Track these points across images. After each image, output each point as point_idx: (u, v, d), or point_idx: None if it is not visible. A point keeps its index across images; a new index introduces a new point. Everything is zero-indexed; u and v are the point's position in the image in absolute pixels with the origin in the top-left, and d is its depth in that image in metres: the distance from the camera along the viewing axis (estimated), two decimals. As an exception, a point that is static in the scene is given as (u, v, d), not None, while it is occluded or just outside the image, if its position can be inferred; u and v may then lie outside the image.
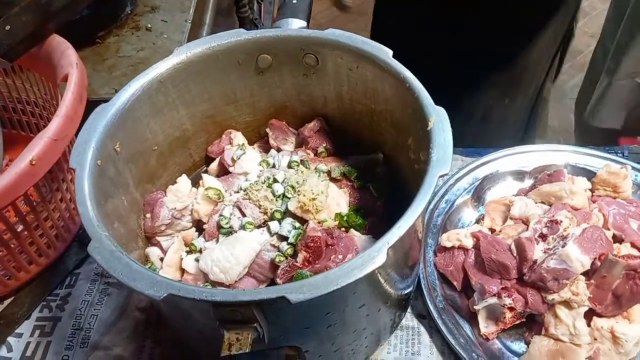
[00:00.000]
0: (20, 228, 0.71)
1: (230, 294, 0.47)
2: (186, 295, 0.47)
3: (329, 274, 0.48)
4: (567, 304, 0.68)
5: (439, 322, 0.71)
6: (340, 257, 0.64)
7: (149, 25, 1.12)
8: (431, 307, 0.72)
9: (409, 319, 0.74)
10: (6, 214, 0.67)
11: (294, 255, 0.65)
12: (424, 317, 0.74)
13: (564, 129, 1.96)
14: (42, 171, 0.63)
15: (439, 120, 0.59)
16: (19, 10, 0.72)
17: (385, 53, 0.67)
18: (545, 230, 0.71)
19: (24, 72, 0.83)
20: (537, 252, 0.69)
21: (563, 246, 0.68)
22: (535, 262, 0.69)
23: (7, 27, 0.71)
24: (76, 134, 0.65)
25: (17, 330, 0.75)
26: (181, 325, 0.66)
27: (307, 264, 0.64)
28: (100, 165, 0.59)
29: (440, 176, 0.55)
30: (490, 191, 0.86)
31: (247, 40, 0.70)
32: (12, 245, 0.71)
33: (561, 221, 0.71)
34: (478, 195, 0.85)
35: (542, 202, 0.79)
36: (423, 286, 0.74)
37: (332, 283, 0.48)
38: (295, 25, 0.77)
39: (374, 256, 0.49)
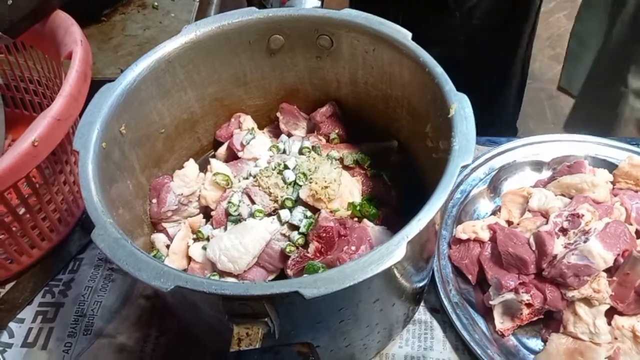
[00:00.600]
0: (22, 211, 0.68)
1: (241, 287, 0.45)
2: (194, 287, 0.45)
3: (344, 268, 0.46)
4: (587, 301, 0.66)
5: (453, 316, 0.68)
6: (354, 248, 0.61)
7: (156, 3, 1.08)
8: (445, 301, 0.70)
9: (421, 313, 0.71)
10: (8, 196, 0.64)
11: (305, 245, 0.63)
12: (437, 311, 0.72)
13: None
14: (44, 153, 0.61)
15: (461, 107, 0.56)
16: (22, -15, 0.69)
17: (403, 35, 0.63)
18: (566, 224, 0.68)
19: (27, 50, 0.80)
20: (557, 246, 0.67)
21: (585, 241, 0.65)
22: (555, 257, 0.66)
23: (10, 2, 0.68)
24: (80, 115, 0.63)
25: (19, 316, 0.74)
26: (188, 317, 0.63)
27: (318, 255, 0.62)
28: (105, 148, 0.56)
29: (462, 166, 0.53)
30: (507, 182, 0.83)
31: (258, 20, 0.67)
32: (13, 229, 0.69)
33: (583, 215, 0.68)
34: (494, 185, 0.82)
35: (562, 195, 0.76)
36: (437, 279, 0.72)
37: (348, 278, 0.45)
38: (309, 4, 0.74)
39: (392, 250, 0.46)
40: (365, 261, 0.46)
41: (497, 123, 1.28)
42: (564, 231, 0.68)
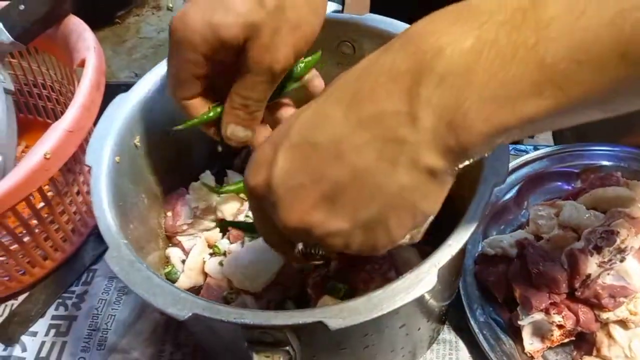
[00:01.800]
0: (34, 223, 0.66)
1: (261, 316, 0.42)
2: (212, 316, 0.43)
3: (371, 297, 0.43)
4: (622, 323, 0.63)
5: (480, 336, 0.65)
6: (377, 267, 0.59)
7: (170, 5, 1.07)
8: (471, 320, 0.67)
9: (446, 332, 0.68)
10: (20, 208, 0.62)
11: (326, 264, 0.60)
12: (462, 330, 0.69)
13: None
14: (57, 165, 0.59)
15: (494, 122, 0.53)
16: (34, -12, 0.67)
17: (430, 43, 0.60)
18: (600, 242, 0.65)
19: (40, 55, 0.78)
20: (591, 265, 0.63)
21: (621, 260, 0.62)
22: (588, 276, 0.63)
23: (22, 7, 0.66)
24: (94, 124, 0.61)
25: (32, 329, 0.72)
26: (205, 338, 0.61)
27: (339, 273, 0.59)
28: (118, 163, 0.54)
29: (494, 185, 0.50)
30: (535, 193, 0.79)
31: (278, 26, 0.64)
32: (26, 240, 0.68)
33: (618, 232, 0.64)
34: (521, 197, 0.78)
35: (594, 209, 0.72)
36: (462, 296, 0.68)
37: (376, 308, 0.42)
38: (329, 8, 0.71)
39: (422, 278, 0.44)
40: (393, 289, 0.43)
41: None
42: (597, 249, 0.64)
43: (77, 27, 0.68)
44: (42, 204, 0.65)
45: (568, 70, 0.30)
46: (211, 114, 0.52)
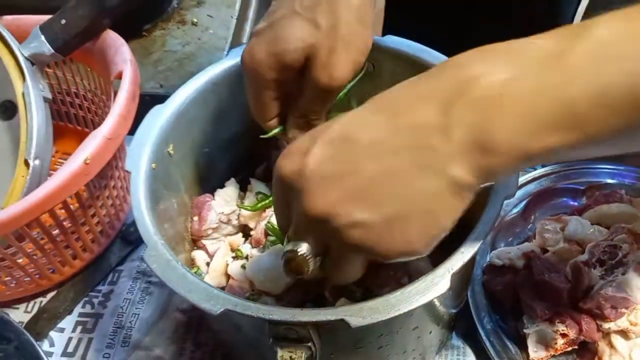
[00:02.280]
0: (68, 224, 0.70)
1: (288, 313, 0.46)
2: (243, 311, 0.46)
3: (389, 298, 0.47)
4: (623, 333, 0.66)
5: (487, 343, 0.69)
6: (391, 273, 0.62)
7: (195, 20, 1.11)
8: (479, 328, 0.70)
9: (454, 339, 0.72)
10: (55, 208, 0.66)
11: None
12: (469, 336, 0.72)
13: None
14: (95, 170, 0.63)
15: (505, 139, 0.57)
16: (75, 4, 0.71)
17: (446, 64, 0.64)
18: (603, 256, 0.68)
19: (75, 64, 0.83)
20: (594, 278, 0.67)
21: (623, 273, 0.65)
22: (591, 288, 0.66)
23: (63, 21, 0.71)
24: (129, 133, 0.65)
25: (60, 325, 0.76)
26: (228, 335, 0.65)
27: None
28: (154, 169, 0.58)
29: (505, 198, 0.53)
30: (542, 208, 0.83)
31: (303, 45, 0.69)
32: (58, 240, 0.72)
33: (621, 246, 0.68)
34: (529, 212, 0.82)
35: (598, 224, 0.76)
36: (470, 305, 0.72)
37: (393, 308, 0.46)
38: (351, 29, 0.75)
39: (436, 282, 0.47)
40: (410, 292, 0.47)
41: None
42: (601, 262, 0.68)
43: (115, 42, 0.72)
44: (76, 206, 0.69)
45: (589, 111, 0.34)
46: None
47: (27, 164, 0.67)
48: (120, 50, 0.71)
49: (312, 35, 0.49)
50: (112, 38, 0.73)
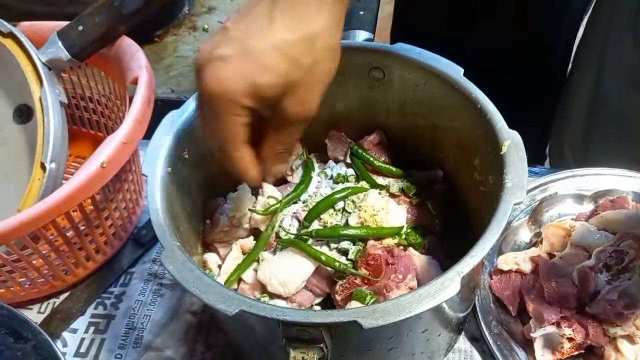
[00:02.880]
0: (82, 227, 0.72)
1: (302, 314, 0.47)
2: (258, 312, 0.47)
3: (400, 300, 0.48)
4: (630, 338, 0.66)
5: (494, 347, 0.69)
6: (401, 276, 0.63)
7: (206, 26, 1.13)
8: (486, 332, 0.71)
9: (461, 342, 0.73)
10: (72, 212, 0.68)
11: None
12: (477, 340, 0.73)
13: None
14: (111, 174, 0.64)
15: (514, 145, 0.58)
16: (92, 11, 0.73)
17: (456, 71, 0.66)
18: (609, 261, 0.69)
19: (90, 69, 0.84)
20: (600, 282, 0.67)
21: (629, 279, 0.66)
22: (598, 293, 0.67)
23: (80, 28, 0.72)
24: (144, 137, 0.66)
25: (72, 326, 0.77)
26: (240, 337, 0.66)
27: (366, 282, 0.64)
28: (170, 173, 0.60)
29: (515, 204, 0.54)
30: (548, 214, 0.84)
31: (315, 52, 0.70)
32: (73, 243, 0.73)
33: (627, 252, 0.69)
34: (536, 217, 0.83)
35: (605, 230, 0.77)
36: (478, 308, 0.73)
37: (404, 310, 0.47)
38: (362, 37, 0.77)
39: (446, 285, 0.48)
40: (421, 294, 0.48)
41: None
42: (607, 267, 0.69)
43: (130, 48, 0.74)
44: (91, 209, 0.70)
45: None
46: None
47: (43, 167, 0.69)
48: (135, 56, 0.72)
49: (294, 73, 0.50)
50: (128, 44, 0.75)
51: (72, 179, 0.62)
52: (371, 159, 0.76)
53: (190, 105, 0.64)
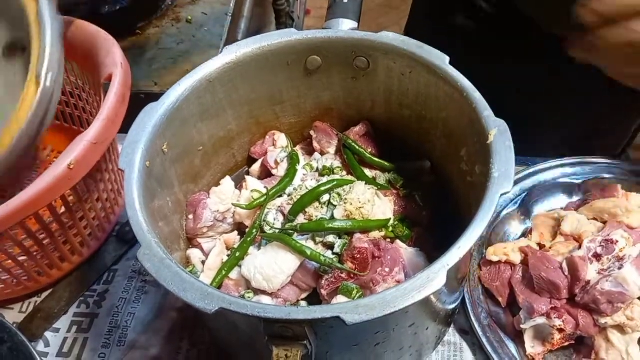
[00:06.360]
0: (55, 227, 0.70)
1: (283, 311, 0.46)
2: (238, 310, 0.46)
3: (385, 295, 0.46)
4: (620, 328, 0.66)
5: (484, 339, 0.69)
6: (387, 270, 0.62)
7: (190, 18, 1.10)
8: (475, 324, 0.70)
9: (451, 335, 0.72)
10: (42, 213, 0.65)
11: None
12: (466, 332, 0.72)
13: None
14: (80, 174, 0.62)
15: (500, 134, 0.56)
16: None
17: (441, 59, 0.64)
18: (599, 250, 0.68)
19: (70, 63, 0.82)
20: (590, 272, 0.66)
21: (619, 268, 0.65)
22: (588, 283, 0.66)
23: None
24: (122, 132, 0.64)
25: (55, 325, 0.75)
26: (224, 334, 0.64)
27: (352, 276, 0.62)
28: (148, 167, 0.58)
29: (502, 194, 0.53)
30: (538, 204, 0.82)
31: (297, 41, 0.68)
32: (45, 243, 0.71)
33: (617, 241, 0.68)
34: (525, 207, 0.82)
35: (595, 219, 0.76)
36: (467, 301, 0.72)
37: (389, 305, 0.46)
38: (346, 26, 0.75)
39: (432, 278, 0.47)
40: (406, 288, 0.47)
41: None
42: (597, 257, 0.68)
43: (106, 43, 0.71)
44: (63, 210, 0.68)
45: None
46: None
47: (37, 82, 0.62)
48: (111, 52, 0.70)
49: None
50: (104, 39, 0.72)
51: (37, 180, 0.59)
52: (363, 151, 0.74)
53: (169, 97, 0.62)
